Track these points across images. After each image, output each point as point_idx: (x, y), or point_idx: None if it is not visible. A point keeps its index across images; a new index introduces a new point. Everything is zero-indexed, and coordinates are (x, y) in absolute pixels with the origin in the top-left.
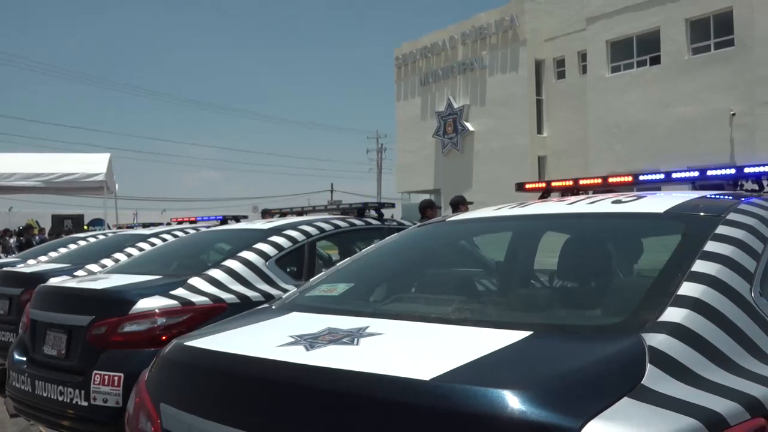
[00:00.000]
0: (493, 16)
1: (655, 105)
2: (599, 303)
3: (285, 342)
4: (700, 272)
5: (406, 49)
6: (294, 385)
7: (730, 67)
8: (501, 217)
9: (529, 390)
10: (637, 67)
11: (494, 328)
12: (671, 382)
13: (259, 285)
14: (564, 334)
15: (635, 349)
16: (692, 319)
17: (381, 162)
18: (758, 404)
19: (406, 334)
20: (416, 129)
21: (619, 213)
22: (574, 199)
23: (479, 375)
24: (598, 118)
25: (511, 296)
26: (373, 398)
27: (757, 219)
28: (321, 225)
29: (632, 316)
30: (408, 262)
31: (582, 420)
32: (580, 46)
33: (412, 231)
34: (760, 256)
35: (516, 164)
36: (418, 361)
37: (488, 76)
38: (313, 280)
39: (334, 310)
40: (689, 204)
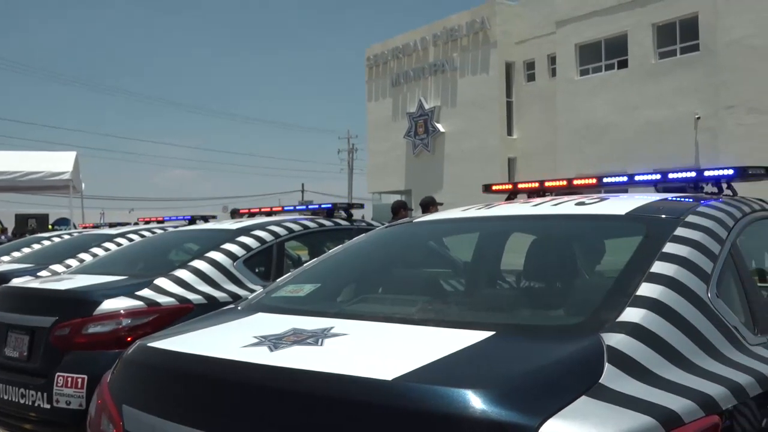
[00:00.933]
0: (464, 18)
1: (623, 108)
2: (561, 303)
3: (249, 343)
4: (659, 273)
5: (377, 49)
6: (257, 385)
7: (695, 72)
8: (468, 218)
9: (488, 389)
10: (606, 71)
11: (457, 329)
12: (628, 380)
13: (227, 286)
14: (525, 334)
15: (594, 348)
16: (650, 319)
17: (352, 162)
18: (713, 402)
19: (370, 334)
20: (387, 129)
21: (582, 215)
22: (539, 201)
23: (440, 375)
24: (567, 120)
25: (475, 297)
26: (335, 398)
27: (715, 221)
28: (290, 225)
29: (592, 317)
30: (374, 263)
31: (540, 418)
32: (550, 49)
33: (379, 232)
34: (716, 257)
35: (486, 165)
36: (381, 361)
37: (459, 78)
38: (280, 280)
39: (300, 311)
40: (650, 206)
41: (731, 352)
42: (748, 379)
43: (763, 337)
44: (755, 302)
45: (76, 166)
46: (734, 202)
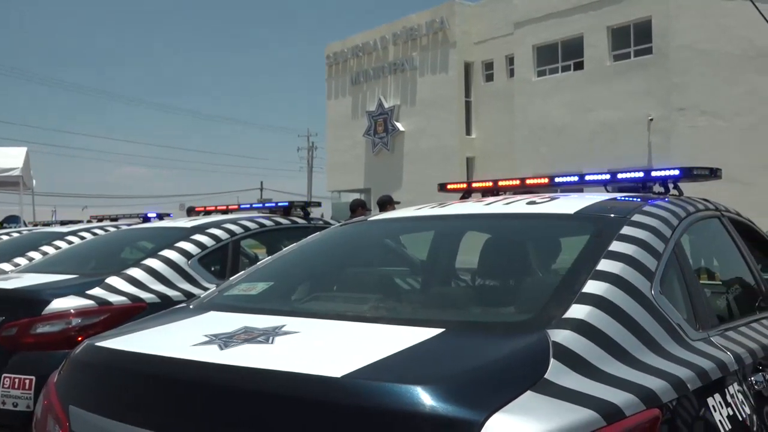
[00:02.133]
0: (424, 17)
1: (579, 109)
2: (510, 301)
3: (199, 341)
4: (605, 271)
5: (336, 47)
6: (206, 384)
7: (648, 74)
8: (421, 217)
9: (435, 385)
10: (562, 72)
11: (408, 326)
12: (573, 375)
13: (181, 284)
14: (474, 331)
15: (540, 344)
16: (595, 315)
17: (312, 160)
18: (654, 396)
19: (321, 332)
20: (347, 128)
21: (532, 214)
22: (492, 200)
23: (389, 371)
24: (525, 120)
25: (428, 294)
26: (285, 396)
27: (660, 220)
28: (246, 224)
29: (540, 314)
30: (327, 262)
31: (486, 413)
32: (508, 50)
33: (332, 230)
34: (661, 255)
35: (445, 165)
36: (331, 358)
37: (418, 77)
38: (233, 279)
39: (252, 309)
40: (598, 205)
41: (673, 348)
42: (689, 373)
43: (704, 333)
44: (697, 299)
45: (26, 161)
46: (679, 201)
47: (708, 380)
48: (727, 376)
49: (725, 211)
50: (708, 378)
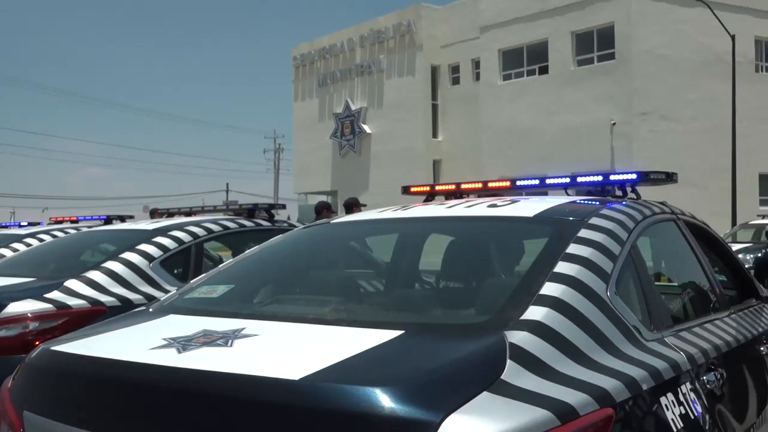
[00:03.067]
0: (391, 20)
1: (543, 113)
2: (469, 303)
3: (157, 345)
4: (561, 273)
5: (303, 49)
6: (164, 388)
7: (611, 79)
8: (383, 219)
9: (393, 387)
10: (527, 76)
11: (368, 328)
12: (528, 376)
13: (142, 287)
14: (433, 333)
15: (497, 346)
16: (551, 317)
17: (278, 162)
18: (607, 395)
19: (281, 335)
20: (314, 130)
21: (492, 216)
22: (453, 203)
23: (347, 373)
24: (491, 123)
25: (389, 297)
26: (242, 399)
27: (616, 223)
28: (209, 226)
29: (497, 315)
30: (290, 264)
31: (442, 414)
32: (474, 54)
33: (295, 233)
34: (616, 257)
35: (412, 167)
36: (290, 361)
37: (385, 80)
38: (193, 281)
39: (212, 312)
40: (557, 209)
41: (628, 348)
42: (642, 372)
43: (658, 333)
44: (652, 300)
45: None
46: (636, 205)
47: (661, 380)
48: (680, 376)
49: (681, 214)
50: (661, 377)
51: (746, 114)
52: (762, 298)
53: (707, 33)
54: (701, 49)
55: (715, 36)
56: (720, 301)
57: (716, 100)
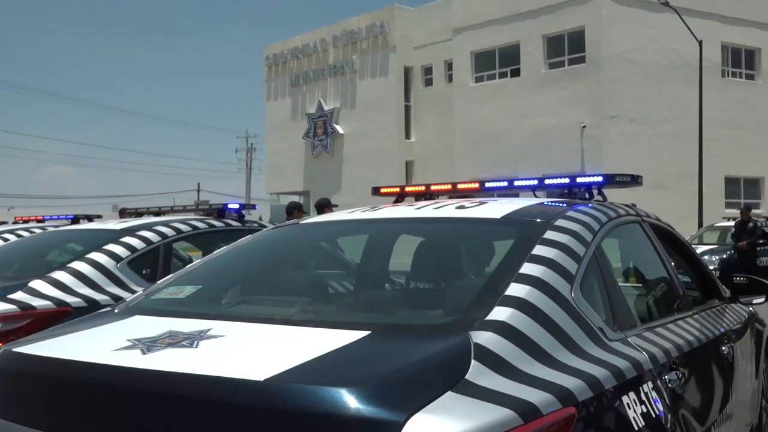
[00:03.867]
0: (364, 21)
1: (515, 115)
2: (436, 303)
3: (121, 346)
4: (527, 274)
5: (276, 48)
6: (128, 390)
7: (581, 82)
8: (352, 220)
9: (357, 387)
10: (499, 78)
11: (335, 329)
12: (493, 376)
13: (109, 288)
14: (400, 334)
15: (462, 346)
16: (516, 317)
17: (251, 162)
18: (570, 394)
19: (248, 335)
20: (286, 130)
21: (460, 218)
22: (422, 204)
23: (312, 374)
24: (463, 125)
25: (357, 297)
26: (207, 400)
27: (581, 225)
28: (178, 226)
29: (463, 316)
30: (258, 265)
31: (406, 414)
32: (447, 56)
33: (264, 233)
34: (581, 259)
35: (384, 168)
36: (255, 362)
37: (358, 80)
38: (160, 282)
39: (179, 313)
40: (524, 210)
41: (591, 348)
42: (604, 372)
43: (621, 334)
44: (616, 301)
45: None
46: (602, 207)
47: (623, 379)
48: (642, 375)
49: (646, 216)
50: (623, 377)
51: (713, 118)
52: (725, 299)
53: (675, 38)
54: (669, 54)
55: (683, 41)
56: (683, 301)
57: (684, 104)
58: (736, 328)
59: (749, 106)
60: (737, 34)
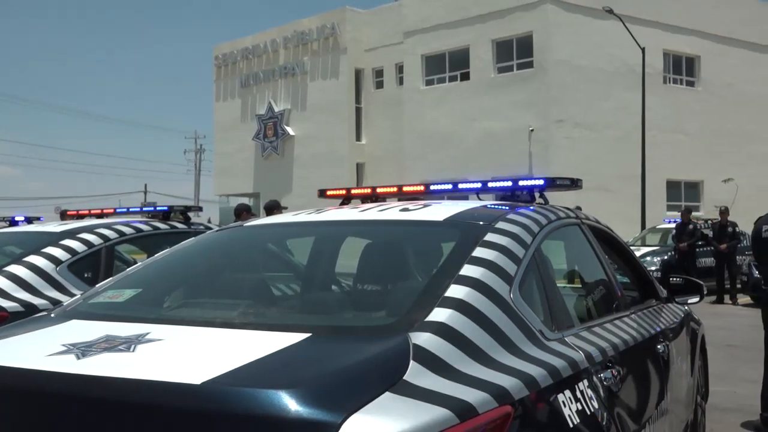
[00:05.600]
0: (315, 22)
1: (464, 118)
2: (378, 305)
3: (55, 351)
4: (466, 275)
5: (225, 48)
6: (60, 396)
7: (529, 87)
8: (296, 222)
9: (294, 389)
10: (449, 82)
11: (276, 331)
12: (431, 376)
13: (48, 292)
14: (340, 335)
15: (401, 347)
16: (455, 318)
17: (199, 163)
18: (506, 393)
19: (186, 339)
20: (236, 131)
21: (403, 220)
22: (367, 207)
23: (250, 377)
24: (414, 128)
25: (299, 300)
26: (142, 405)
27: (521, 227)
28: (121, 228)
29: (403, 317)
30: (200, 267)
31: (343, 415)
32: (398, 58)
33: (207, 236)
34: (520, 260)
35: (335, 170)
36: (193, 365)
37: (309, 82)
38: (99, 286)
39: (117, 317)
40: (466, 213)
41: (528, 348)
42: (541, 371)
43: (559, 333)
44: (554, 301)
45: None
46: (542, 210)
47: (559, 377)
48: (578, 374)
49: (585, 219)
50: (559, 375)
51: (655, 123)
52: (662, 299)
53: (619, 45)
54: (614, 61)
55: (627, 48)
56: (621, 302)
57: (628, 109)
58: (672, 327)
59: (690, 112)
60: (678, 42)
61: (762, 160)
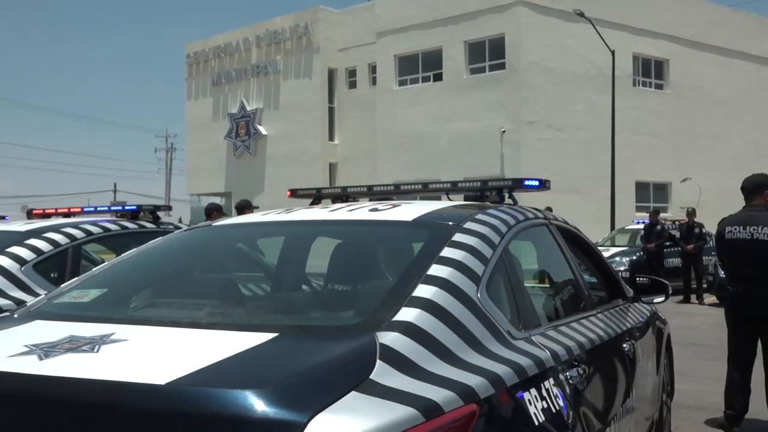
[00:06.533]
0: (288, 21)
1: (437, 119)
2: (347, 305)
3: (17, 352)
4: (434, 275)
5: (197, 46)
6: (21, 397)
7: (501, 88)
8: (265, 222)
9: (260, 389)
10: (422, 82)
11: (243, 331)
12: (397, 375)
13: (13, 292)
14: (307, 335)
15: (368, 346)
16: (422, 318)
17: (170, 162)
18: (472, 392)
19: (152, 339)
20: (207, 130)
21: (372, 221)
22: (336, 207)
23: (215, 377)
24: (386, 128)
25: (267, 300)
26: (106, 406)
27: (489, 228)
28: (88, 228)
29: (371, 317)
30: (167, 267)
31: (309, 414)
32: (371, 59)
33: (175, 235)
34: (488, 260)
35: (308, 169)
36: (158, 366)
37: (282, 81)
38: (64, 286)
39: (82, 317)
40: (435, 213)
41: (495, 347)
42: (507, 370)
43: (526, 333)
44: (521, 301)
45: None
46: (511, 210)
47: (525, 376)
48: (544, 372)
49: (553, 220)
50: (525, 374)
51: (624, 125)
52: (628, 299)
53: (590, 48)
54: (585, 63)
55: (597, 51)
56: (588, 301)
57: (598, 111)
58: (638, 326)
59: (658, 115)
60: (648, 46)
61: (728, 163)
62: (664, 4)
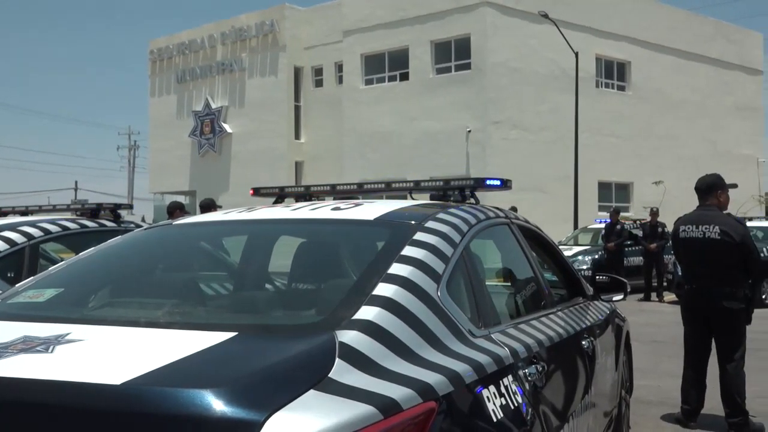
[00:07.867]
0: (254, 18)
1: (403, 118)
2: (307, 304)
3: None
4: (395, 274)
5: (161, 43)
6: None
7: (467, 88)
8: (227, 221)
9: (217, 388)
10: (388, 82)
11: (202, 331)
12: (356, 373)
13: None
14: (266, 334)
15: (327, 345)
16: (382, 316)
17: (133, 160)
18: (430, 389)
19: (109, 339)
20: (171, 127)
21: (334, 219)
22: (299, 205)
23: (172, 377)
24: (352, 127)
25: (228, 299)
26: (60, 407)
27: (450, 227)
28: (46, 226)
29: (331, 315)
30: (126, 266)
31: (266, 413)
32: (337, 57)
33: (135, 234)
34: (449, 259)
35: (273, 168)
36: (114, 366)
37: (247, 79)
38: (19, 285)
39: (36, 318)
40: (397, 212)
41: (455, 345)
42: (466, 367)
43: (485, 330)
44: (482, 299)
45: None
46: (472, 209)
47: (484, 373)
48: (503, 369)
49: (514, 219)
50: (484, 371)
51: (588, 126)
52: (588, 297)
53: (554, 49)
54: (549, 64)
55: (561, 52)
56: (548, 299)
57: (562, 112)
58: (598, 324)
59: (620, 116)
60: (610, 48)
61: (688, 163)
62: (626, 7)
